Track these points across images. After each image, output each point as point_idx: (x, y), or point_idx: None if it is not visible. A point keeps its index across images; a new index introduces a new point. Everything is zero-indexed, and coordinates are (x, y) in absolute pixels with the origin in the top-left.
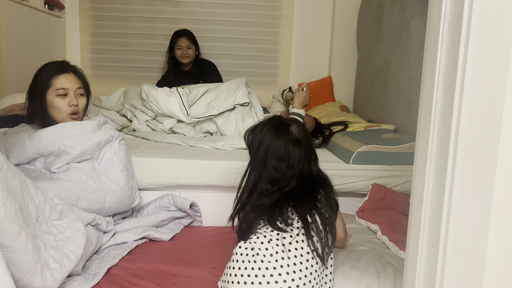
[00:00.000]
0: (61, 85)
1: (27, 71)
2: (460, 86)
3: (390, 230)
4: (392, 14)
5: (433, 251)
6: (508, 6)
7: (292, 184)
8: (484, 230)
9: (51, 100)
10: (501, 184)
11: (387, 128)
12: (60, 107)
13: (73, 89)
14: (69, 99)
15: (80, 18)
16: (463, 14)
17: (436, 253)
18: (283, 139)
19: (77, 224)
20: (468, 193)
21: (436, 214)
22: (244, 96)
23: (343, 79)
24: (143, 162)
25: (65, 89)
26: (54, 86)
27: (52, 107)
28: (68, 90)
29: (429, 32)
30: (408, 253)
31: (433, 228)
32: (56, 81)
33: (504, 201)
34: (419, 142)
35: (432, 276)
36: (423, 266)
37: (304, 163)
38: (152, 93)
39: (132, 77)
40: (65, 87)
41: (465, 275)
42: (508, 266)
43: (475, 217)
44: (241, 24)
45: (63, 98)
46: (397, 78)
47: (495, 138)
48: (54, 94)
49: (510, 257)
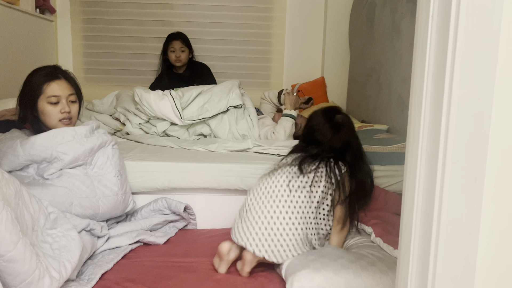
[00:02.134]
0: (52, 92)
1: (18, 75)
2: (448, 87)
3: (384, 233)
4: (383, 15)
5: (425, 251)
6: (494, 7)
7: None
8: (474, 230)
9: (42, 107)
10: (490, 184)
11: (380, 128)
12: (51, 115)
13: (65, 96)
14: (61, 106)
15: (71, 22)
16: (451, 16)
17: (428, 253)
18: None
19: (72, 233)
20: (458, 193)
21: (427, 214)
22: (237, 98)
23: (336, 79)
24: (137, 166)
25: (57, 97)
26: (46, 94)
27: (44, 114)
28: (60, 97)
29: (418, 34)
30: (400, 253)
31: (425, 228)
32: (48, 88)
33: (493, 201)
34: (409, 143)
35: (424, 275)
36: (415, 265)
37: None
38: (145, 96)
39: (125, 81)
40: (57, 94)
41: (456, 274)
42: (498, 264)
43: (465, 217)
44: (234, 26)
45: (55, 106)
46: (389, 78)
47: (484, 139)
48: (46, 101)
49: (500, 255)
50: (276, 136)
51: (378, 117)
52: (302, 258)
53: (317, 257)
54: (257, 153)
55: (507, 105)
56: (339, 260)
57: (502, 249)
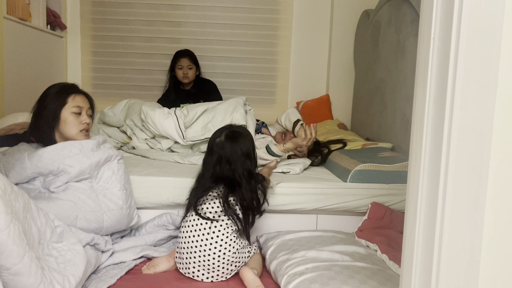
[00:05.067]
0: (77, 103)
1: (28, 90)
2: (449, 109)
3: (389, 249)
4: (388, 35)
5: (427, 271)
6: (494, 32)
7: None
8: (476, 250)
9: (66, 117)
10: (492, 205)
11: (384, 146)
12: (74, 124)
13: (86, 109)
14: (82, 117)
15: (81, 38)
16: (451, 39)
17: (429, 273)
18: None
19: (77, 247)
20: (459, 214)
21: (429, 235)
22: (241, 118)
23: (341, 97)
24: (142, 180)
25: (80, 107)
26: (71, 104)
27: (66, 123)
28: (82, 108)
29: (420, 56)
30: (403, 271)
31: (427, 249)
32: (73, 100)
33: (495, 221)
34: (412, 164)
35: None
36: (417, 284)
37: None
38: (150, 114)
39: (133, 96)
40: (81, 105)
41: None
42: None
43: (467, 238)
44: (240, 44)
45: (77, 116)
46: (393, 97)
47: (485, 161)
48: (70, 111)
49: (502, 277)
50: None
51: (383, 135)
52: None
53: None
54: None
55: (507, 128)
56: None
57: (504, 270)
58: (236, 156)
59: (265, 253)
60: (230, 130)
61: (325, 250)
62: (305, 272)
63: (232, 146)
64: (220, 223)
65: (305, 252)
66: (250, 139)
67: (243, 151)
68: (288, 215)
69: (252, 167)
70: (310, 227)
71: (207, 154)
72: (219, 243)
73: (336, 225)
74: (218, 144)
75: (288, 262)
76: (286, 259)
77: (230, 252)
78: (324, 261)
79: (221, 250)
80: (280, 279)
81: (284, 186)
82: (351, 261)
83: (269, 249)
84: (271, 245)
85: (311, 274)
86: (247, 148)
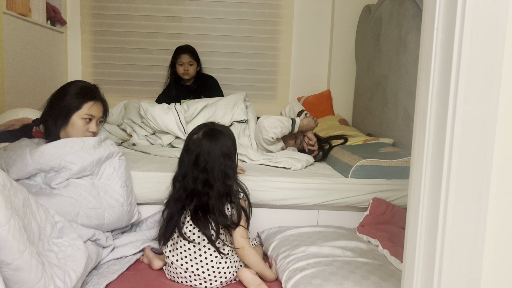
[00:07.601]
0: (89, 112)
1: (28, 86)
2: (453, 103)
3: (390, 244)
4: (390, 30)
5: (429, 265)
6: (499, 24)
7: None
8: (479, 245)
9: (75, 121)
10: (495, 199)
11: (386, 141)
12: (81, 130)
13: (97, 117)
14: (90, 126)
15: (81, 34)
16: (455, 33)
17: (432, 268)
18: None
19: (78, 243)
20: (462, 208)
21: (432, 229)
22: (242, 113)
23: (342, 93)
24: (143, 176)
25: (92, 116)
26: (83, 111)
27: (73, 127)
28: (94, 117)
29: (423, 49)
30: (405, 267)
31: (429, 243)
32: (87, 107)
33: (498, 215)
34: (414, 158)
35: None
36: (419, 280)
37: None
38: (150, 110)
39: (133, 92)
40: (93, 114)
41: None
42: (503, 278)
43: (469, 232)
44: (241, 39)
45: (86, 123)
46: (395, 92)
47: (488, 155)
48: (80, 117)
49: (505, 270)
50: (263, 120)
51: (384, 131)
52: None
53: None
54: (264, 165)
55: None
56: None
57: (507, 263)
58: (214, 155)
59: (267, 249)
60: (210, 128)
61: (326, 245)
62: (306, 268)
63: (210, 145)
64: (203, 245)
65: (306, 247)
66: (232, 139)
67: (223, 151)
68: (289, 210)
69: (231, 171)
70: (311, 222)
71: (183, 151)
72: (210, 264)
73: (337, 220)
74: (195, 141)
75: (289, 258)
76: (287, 254)
77: (224, 273)
78: (326, 257)
79: (210, 274)
80: (281, 275)
81: (285, 181)
82: (353, 257)
83: (271, 245)
84: (272, 241)
85: (313, 270)
86: (227, 148)
